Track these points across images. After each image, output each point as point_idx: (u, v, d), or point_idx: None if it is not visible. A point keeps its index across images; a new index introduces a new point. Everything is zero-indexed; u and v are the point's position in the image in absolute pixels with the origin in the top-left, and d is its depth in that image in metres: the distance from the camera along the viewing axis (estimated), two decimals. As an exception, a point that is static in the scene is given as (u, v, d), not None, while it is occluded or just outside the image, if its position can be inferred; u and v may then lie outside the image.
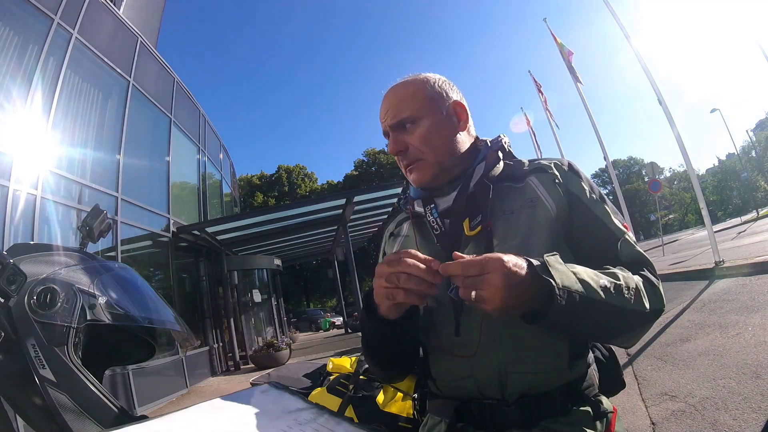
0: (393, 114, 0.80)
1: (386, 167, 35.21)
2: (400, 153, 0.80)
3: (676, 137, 8.01)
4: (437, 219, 0.79)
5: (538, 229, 0.73)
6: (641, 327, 0.69)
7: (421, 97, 0.80)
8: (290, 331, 15.56)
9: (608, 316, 0.64)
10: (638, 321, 0.68)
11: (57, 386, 0.80)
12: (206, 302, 9.91)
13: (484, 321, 0.70)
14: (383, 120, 0.82)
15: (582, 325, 0.64)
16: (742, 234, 14.76)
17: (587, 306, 0.61)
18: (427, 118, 0.78)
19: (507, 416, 0.69)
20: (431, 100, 0.80)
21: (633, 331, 0.69)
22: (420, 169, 0.79)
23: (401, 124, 0.79)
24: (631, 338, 0.70)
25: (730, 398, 2.50)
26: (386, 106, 0.81)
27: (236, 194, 17.01)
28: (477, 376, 0.72)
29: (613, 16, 8.66)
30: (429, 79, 0.82)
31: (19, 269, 0.83)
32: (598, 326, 0.66)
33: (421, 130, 0.78)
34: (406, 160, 0.80)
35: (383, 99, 0.83)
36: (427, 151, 0.78)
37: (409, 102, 0.79)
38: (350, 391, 1.38)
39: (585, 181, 0.79)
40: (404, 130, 0.79)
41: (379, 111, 0.84)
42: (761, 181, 31.13)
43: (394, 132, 0.80)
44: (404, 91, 0.81)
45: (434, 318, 0.77)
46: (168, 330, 1.12)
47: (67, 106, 5.96)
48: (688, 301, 5.50)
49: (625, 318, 0.66)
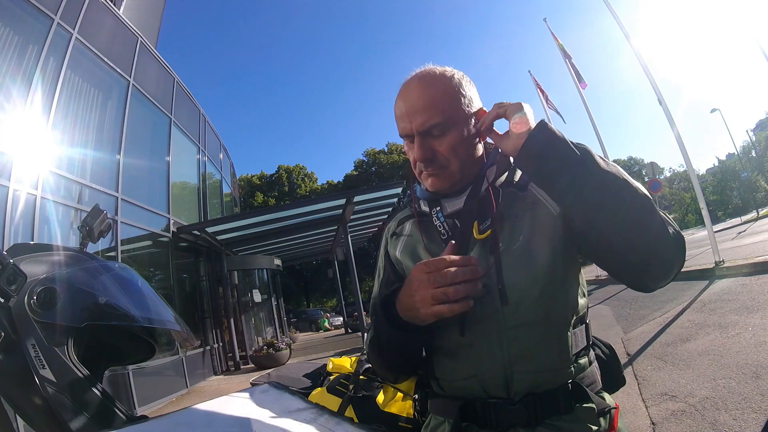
0: (422, 120, 0.74)
1: (386, 167, 35.19)
2: (424, 161, 0.76)
3: (676, 137, 8.01)
4: (443, 223, 0.78)
5: (539, 229, 0.73)
6: (653, 218, 0.64)
7: (450, 101, 0.75)
8: (290, 331, 15.56)
9: (611, 179, 0.65)
10: (648, 208, 0.64)
11: (57, 386, 0.80)
12: (206, 302, 9.91)
13: (489, 321, 0.71)
14: (406, 121, 0.76)
15: (584, 179, 0.65)
16: (742, 234, 14.76)
17: (588, 161, 0.65)
18: (456, 126, 0.75)
19: (512, 415, 0.70)
20: (460, 105, 0.76)
21: (645, 219, 0.64)
22: (442, 177, 0.77)
23: (430, 131, 0.74)
24: (644, 229, 0.63)
25: (730, 398, 2.50)
26: (412, 108, 0.75)
27: (236, 194, 17.01)
28: (482, 375, 0.72)
29: (613, 16, 8.67)
30: (454, 78, 0.77)
31: (19, 269, 0.83)
32: (603, 187, 0.64)
33: (450, 140, 0.75)
34: (431, 167, 0.76)
35: (405, 96, 0.76)
36: (453, 161, 0.76)
37: (439, 107, 0.74)
38: (350, 391, 1.38)
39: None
40: (431, 136, 0.75)
41: (398, 107, 0.77)
42: (761, 181, 31.17)
43: (421, 138, 0.75)
44: (432, 91, 0.75)
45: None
46: (168, 330, 1.12)
47: (67, 106, 5.96)
48: (688, 301, 5.49)
49: (630, 192, 0.64)
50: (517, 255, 0.72)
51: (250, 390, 0.79)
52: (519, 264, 0.71)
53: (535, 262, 0.71)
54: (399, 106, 0.78)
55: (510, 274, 0.71)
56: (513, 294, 0.70)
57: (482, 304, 0.70)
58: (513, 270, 0.71)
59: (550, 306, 0.71)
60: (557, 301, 0.71)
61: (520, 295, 0.70)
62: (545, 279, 0.70)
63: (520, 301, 0.69)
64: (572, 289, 0.74)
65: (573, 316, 0.73)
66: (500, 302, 0.70)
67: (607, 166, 0.66)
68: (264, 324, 12.74)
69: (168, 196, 8.75)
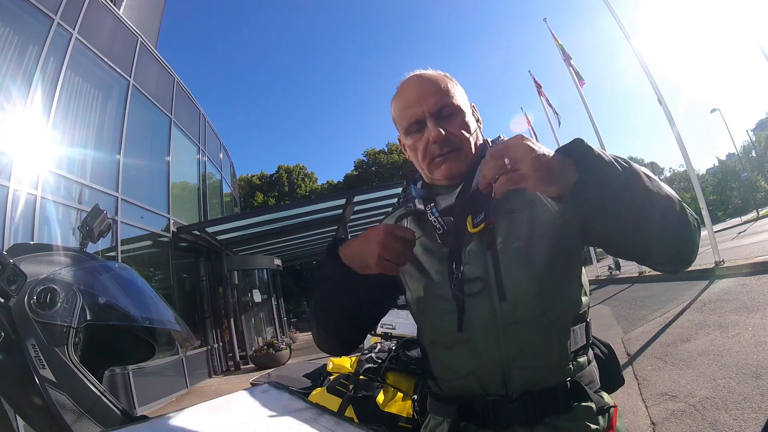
0: (435, 100, 0.77)
1: (386, 167, 35.21)
2: (439, 140, 0.77)
3: (676, 137, 8.02)
4: (438, 218, 0.79)
5: (539, 228, 0.73)
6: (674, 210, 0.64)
7: (453, 90, 0.80)
8: (290, 331, 15.56)
9: (636, 181, 0.63)
10: (669, 203, 0.64)
11: (57, 386, 0.80)
12: (206, 302, 9.91)
13: (486, 314, 0.71)
14: (416, 106, 0.78)
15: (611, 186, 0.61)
16: (742, 234, 14.77)
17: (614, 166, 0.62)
18: (461, 110, 0.80)
19: (511, 413, 0.70)
20: (461, 96, 0.82)
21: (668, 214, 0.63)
22: (457, 158, 0.78)
23: (440, 112, 0.78)
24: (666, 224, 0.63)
25: (730, 398, 2.50)
26: (422, 92, 0.78)
27: (236, 194, 17.01)
28: (480, 372, 0.72)
29: (613, 16, 8.67)
30: (448, 76, 0.83)
31: (19, 269, 0.83)
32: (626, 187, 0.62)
33: (460, 120, 0.79)
34: (446, 147, 0.77)
35: (411, 87, 0.80)
36: (465, 141, 0.79)
37: (447, 92, 0.79)
38: (350, 391, 1.38)
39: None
40: (441, 118, 0.78)
41: (403, 99, 0.81)
42: (761, 181, 31.18)
43: (434, 119, 0.77)
44: (438, 81, 0.80)
45: (435, 314, 0.77)
46: (168, 330, 1.12)
47: (67, 106, 5.97)
48: (688, 301, 5.50)
49: (652, 191, 0.63)
50: (516, 252, 0.72)
51: (250, 390, 0.79)
52: (518, 261, 0.71)
53: (534, 259, 0.71)
54: (404, 98, 0.81)
55: (509, 270, 0.71)
56: (511, 291, 0.70)
57: (480, 300, 0.71)
58: (512, 267, 0.71)
59: (549, 303, 0.71)
60: (556, 299, 0.72)
61: (519, 291, 0.70)
62: (544, 276, 0.70)
63: (518, 298, 0.70)
64: (572, 286, 0.74)
65: (572, 313, 0.73)
66: (498, 299, 0.70)
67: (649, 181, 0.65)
68: (264, 324, 12.74)
69: (168, 196, 8.75)
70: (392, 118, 0.85)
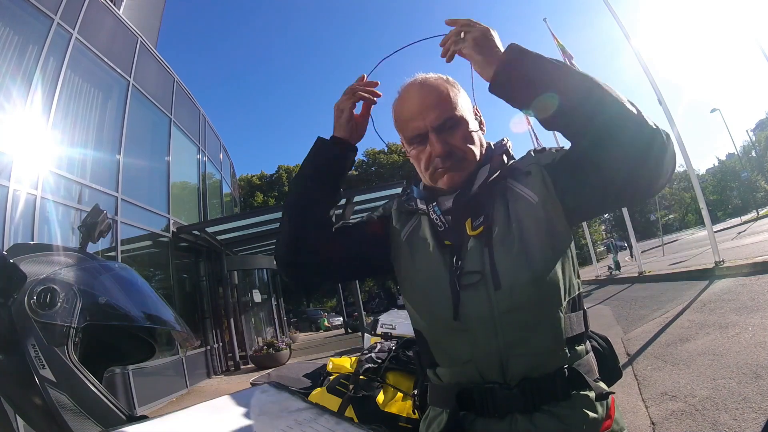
0: (436, 114, 0.78)
1: (386, 167, 35.21)
2: (442, 155, 0.78)
3: (676, 137, 8.01)
4: (440, 216, 0.81)
5: (525, 217, 0.75)
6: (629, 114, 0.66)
7: (456, 98, 0.80)
8: (290, 331, 15.57)
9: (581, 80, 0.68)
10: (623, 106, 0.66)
11: (57, 386, 0.80)
12: (206, 302, 9.90)
13: (482, 303, 0.72)
14: (418, 120, 0.79)
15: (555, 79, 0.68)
16: (742, 234, 14.76)
17: (555, 65, 0.70)
18: (463, 119, 0.80)
19: (509, 401, 0.70)
20: (464, 102, 0.82)
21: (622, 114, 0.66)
22: (460, 169, 0.79)
23: (443, 125, 0.78)
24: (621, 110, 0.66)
25: (730, 398, 2.50)
26: (424, 105, 0.78)
27: (236, 194, 17.00)
28: (477, 360, 0.73)
29: (613, 16, 8.67)
30: (448, 80, 0.83)
31: (19, 269, 0.83)
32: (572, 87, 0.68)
33: (462, 131, 0.79)
34: (449, 161, 0.78)
35: (411, 99, 0.80)
36: (469, 151, 0.79)
37: (446, 102, 0.79)
38: (350, 391, 1.38)
39: (551, 149, 0.84)
40: (444, 130, 0.78)
41: (405, 109, 0.81)
42: (761, 181, 31.19)
43: (437, 133, 0.78)
44: (440, 90, 0.80)
45: (431, 302, 0.77)
46: (168, 330, 1.12)
47: (67, 106, 5.96)
48: (688, 301, 5.50)
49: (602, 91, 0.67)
50: (508, 242, 0.74)
51: (250, 390, 0.79)
52: (510, 250, 0.73)
53: (526, 245, 0.73)
54: (406, 108, 0.81)
55: (503, 260, 0.72)
56: (506, 279, 0.71)
57: (477, 290, 0.72)
58: (506, 256, 0.73)
59: (543, 289, 0.72)
60: (550, 284, 0.72)
61: (513, 278, 0.71)
62: (536, 262, 0.72)
63: (512, 285, 0.71)
64: (564, 270, 0.75)
65: (566, 296, 0.74)
66: (494, 288, 0.71)
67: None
68: (264, 324, 12.74)
69: (168, 196, 8.74)
70: (393, 123, 0.86)
